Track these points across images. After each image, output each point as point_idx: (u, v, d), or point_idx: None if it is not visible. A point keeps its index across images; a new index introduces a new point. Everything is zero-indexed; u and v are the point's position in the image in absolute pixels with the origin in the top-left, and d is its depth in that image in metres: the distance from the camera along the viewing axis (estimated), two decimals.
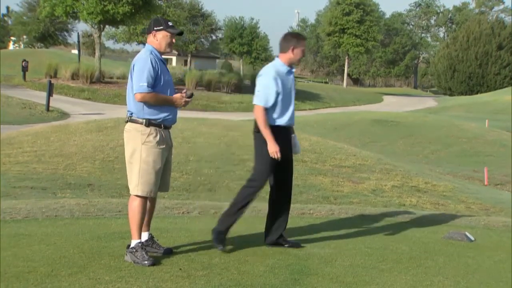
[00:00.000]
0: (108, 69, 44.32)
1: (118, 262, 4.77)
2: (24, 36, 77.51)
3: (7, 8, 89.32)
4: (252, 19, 64.48)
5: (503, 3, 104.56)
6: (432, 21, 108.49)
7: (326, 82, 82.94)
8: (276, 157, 5.25)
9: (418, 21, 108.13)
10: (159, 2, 44.50)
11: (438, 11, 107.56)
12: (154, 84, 4.84)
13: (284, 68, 5.54)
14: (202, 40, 67.09)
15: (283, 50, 5.58)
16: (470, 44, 77.13)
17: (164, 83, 4.91)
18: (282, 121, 5.46)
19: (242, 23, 63.52)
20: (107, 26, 44.69)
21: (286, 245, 5.52)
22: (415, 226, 6.95)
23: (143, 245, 4.84)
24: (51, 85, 29.86)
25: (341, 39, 68.78)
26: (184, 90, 5.06)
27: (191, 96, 5.02)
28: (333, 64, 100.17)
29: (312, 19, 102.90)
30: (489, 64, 75.85)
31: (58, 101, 31.83)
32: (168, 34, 4.95)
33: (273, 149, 5.24)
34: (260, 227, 6.24)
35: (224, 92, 44.99)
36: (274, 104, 5.41)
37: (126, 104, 5.04)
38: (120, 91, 39.48)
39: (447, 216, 8.13)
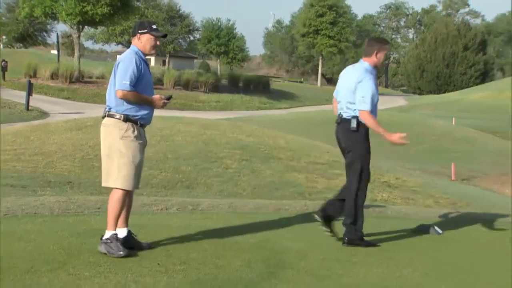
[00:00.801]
0: (88, 69, 43.98)
1: (97, 258, 4.72)
2: (3, 37, 76.88)
3: None
4: (229, 20, 64.46)
5: (469, 6, 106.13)
6: (402, 23, 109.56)
7: (301, 82, 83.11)
8: (403, 142, 5.53)
9: (388, 22, 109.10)
10: (137, 3, 44.28)
11: (407, 13, 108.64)
12: (136, 83, 4.84)
13: (374, 71, 5.70)
14: (180, 40, 66.73)
15: (367, 54, 5.72)
16: (438, 45, 78.04)
17: (145, 83, 4.92)
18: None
19: (219, 24, 63.41)
20: (86, 27, 44.34)
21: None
22: (386, 220, 7.00)
23: (117, 237, 4.83)
24: (30, 84, 29.58)
25: (315, 40, 69.06)
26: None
27: (169, 98, 5.02)
28: (307, 64, 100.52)
29: (287, 21, 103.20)
30: (456, 64, 76.82)
31: (38, 101, 31.47)
32: (152, 37, 4.97)
33: (395, 138, 5.49)
34: (236, 223, 6.25)
35: (202, 92, 44.93)
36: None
37: (103, 103, 5.03)
38: (99, 90, 39.19)
39: (416, 210, 8.21)
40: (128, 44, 55.80)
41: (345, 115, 5.67)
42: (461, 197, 12.49)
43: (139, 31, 4.98)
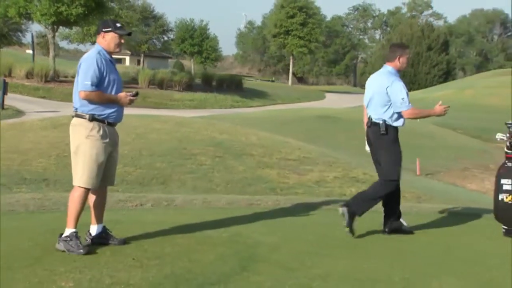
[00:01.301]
0: (63, 69, 43.36)
1: (72, 254, 4.67)
2: None
3: None
4: (202, 21, 63.98)
5: (432, 8, 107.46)
6: (369, 24, 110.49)
7: (272, 81, 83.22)
8: (446, 108, 5.87)
9: (356, 24, 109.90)
10: (112, 4, 43.75)
11: (374, 15, 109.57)
12: (100, 82, 4.78)
13: (398, 74, 5.99)
14: (154, 40, 66.27)
15: (390, 59, 5.98)
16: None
17: (109, 82, 4.84)
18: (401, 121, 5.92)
19: (192, 24, 63.02)
20: (61, 27, 43.75)
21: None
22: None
23: (77, 235, 4.77)
24: (5, 83, 29.09)
25: (286, 40, 69.20)
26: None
27: (136, 95, 4.97)
28: (279, 64, 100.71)
29: (258, 21, 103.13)
30: (420, 64, 77.71)
31: (13, 100, 30.93)
32: (116, 35, 4.90)
33: (440, 110, 5.90)
34: (209, 218, 6.25)
35: (176, 90, 44.65)
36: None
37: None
38: (69, 90, 38.69)
39: None
40: None
41: (374, 119, 5.92)
42: (425, 191, 12.64)
43: (103, 30, 4.92)
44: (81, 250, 4.66)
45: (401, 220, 6.10)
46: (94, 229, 4.99)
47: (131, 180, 10.50)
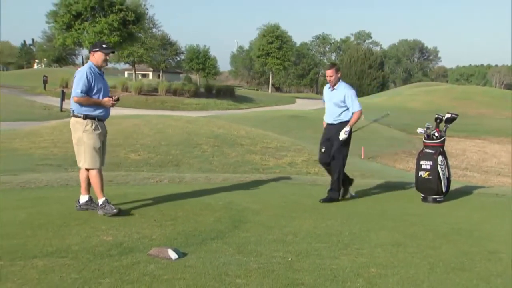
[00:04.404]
0: None
1: (111, 216, 4.64)
2: (44, 59, 77.36)
3: (32, 39, 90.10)
4: (205, 45, 63.66)
5: (371, 37, 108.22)
6: (327, 49, 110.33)
7: (257, 90, 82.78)
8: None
9: (318, 48, 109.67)
10: (139, 34, 43.37)
11: (331, 42, 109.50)
12: (90, 90, 4.69)
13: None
14: (170, 60, 65.81)
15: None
16: (352, 64, 78.97)
17: (97, 90, 4.74)
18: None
19: (198, 48, 62.49)
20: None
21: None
22: (316, 187, 7.07)
23: (108, 200, 4.73)
24: (63, 93, 29.11)
25: (267, 60, 68.77)
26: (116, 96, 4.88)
27: (117, 100, 4.83)
28: (261, 77, 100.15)
29: (246, 46, 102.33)
30: (364, 78, 77.95)
31: (68, 105, 30.49)
32: (102, 53, 4.78)
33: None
34: (210, 191, 6.22)
35: (186, 97, 44.30)
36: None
37: (117, 106, 4.99)
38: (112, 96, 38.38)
39: None
40: (132, 64, 54.78)
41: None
42: (368, 170, 12.72)
43: (93, 50, 4.80)
44: (115, 210, 4.63)
45: (349, 189, 6.17)
46: (82, 198, 4.90)
47: (153, 163, 10.44)
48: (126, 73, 73.57)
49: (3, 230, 4.04)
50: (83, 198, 4.89)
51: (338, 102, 5.92)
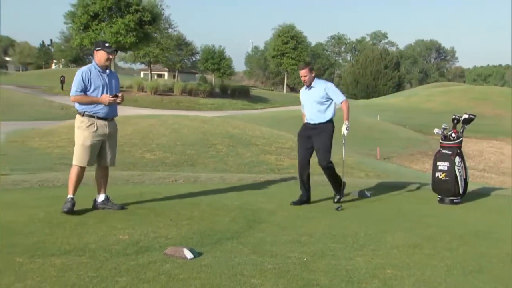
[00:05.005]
0: (120, 82, 43.13)
1: (127, 215, 4.68)
2: (62, 59, 78.57)
3: (51, 40, 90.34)
4: (220, 46, 63.79)
5: (387, 37, 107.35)
6: (342, 49, 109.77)
7: (272, 90, 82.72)
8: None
9: (333, 48, 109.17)
10: (155, 35, 43.70)
11: (346, 42, 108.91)
12: (84, 89, 4.71)
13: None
14: (186, 60, 66.12)
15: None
16: (367, 65, 78.36)
17: (94, 88, 4.72)
18: None
19: (213, 49, 62.65)
20: (119, 52, 43.99)
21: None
22: (331, 187, 7.01)
23: (70, 199, 4.70)
24: None
25: (282, 60, 68.77)
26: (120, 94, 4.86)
27: (115, 96, 4.76)
28: (276, 77, 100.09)
29: (261, 46, 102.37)
30: (379, 78, 77.27)
31: None
32: (105, 52, 4.74)
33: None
34: (225, 190, 6.23)
35: (201, 97, 44.54)
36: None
37: (133, 106, 4.99)
38: (127, 97, 38.67)
39: (353, 181, 8.25)
40: (148, 64, 55.23)
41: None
42: (383, 171, 12.61)
43: (96, 49, 4.79)
44: (64, 209, 4.58)
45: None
46: (99, 198, 4.95)
47: (168, 163, 10.50)
48: (142, 73, 74.18)
49: (24, 229, 4.11)
50: (100, 198, 4.94)
51: (319, 99, 5.66)
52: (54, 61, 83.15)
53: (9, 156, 10.37)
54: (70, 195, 4.75)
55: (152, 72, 58.94)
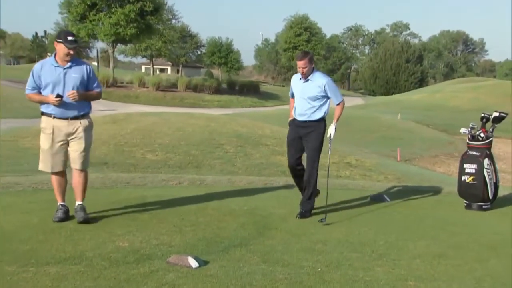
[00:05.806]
0: (120, 76, 43.65)
1: (127, 220, 4.70)
2: None
3: (45, 31, 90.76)
4: (228, 38, 63.88)
5: (409, 29, 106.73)
6: (360, 41, 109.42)
7: (283, 86, 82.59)
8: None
9: (349, 41, 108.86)
10: (157, 26, 43.86)
11: (364, 34, 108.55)
12: (37, 86, 4.60)
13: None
14: (190, 54, 66.30)
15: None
16: (387, 58, 78.05)
17: (45, 85, 4.59)
18: None
19: (220, 41, 62.82)
20: (119, 44, 44.23)
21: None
22: (348, 192, 7.01)
23: (59, 207, 4.70)
24: None
25: (294, 53, 68.66)
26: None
27: (57, 96, 4.54)
28: (288, 72, 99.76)
29: (272, 39, 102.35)
30: (400, 73, 76.94)
31: None
32: (65, 46, 4.48)
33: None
34: (233, 194, 6.23)
35: (207, 93, 44.69)
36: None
37: (134, 103, 4.97)
38: (129, 92, 39.01)
39: (371, 184, 8.22)
40: (150, 57, 55.48)
41: None
42: (404, 173, 12.55)
43: (57, 40, 4.55)
44: (55, 219, 4.60)
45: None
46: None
47: (171, 164, 10.54)
48: (143, 67, 74.58)
49: (16, 235, 4.14)
50: (75, 204, 4.81)
51: (315, 94, 5.44)
52: (48, 54, 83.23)
53: None
54: (59, 202, 4.74)
55: (154, 67, 59.21)
